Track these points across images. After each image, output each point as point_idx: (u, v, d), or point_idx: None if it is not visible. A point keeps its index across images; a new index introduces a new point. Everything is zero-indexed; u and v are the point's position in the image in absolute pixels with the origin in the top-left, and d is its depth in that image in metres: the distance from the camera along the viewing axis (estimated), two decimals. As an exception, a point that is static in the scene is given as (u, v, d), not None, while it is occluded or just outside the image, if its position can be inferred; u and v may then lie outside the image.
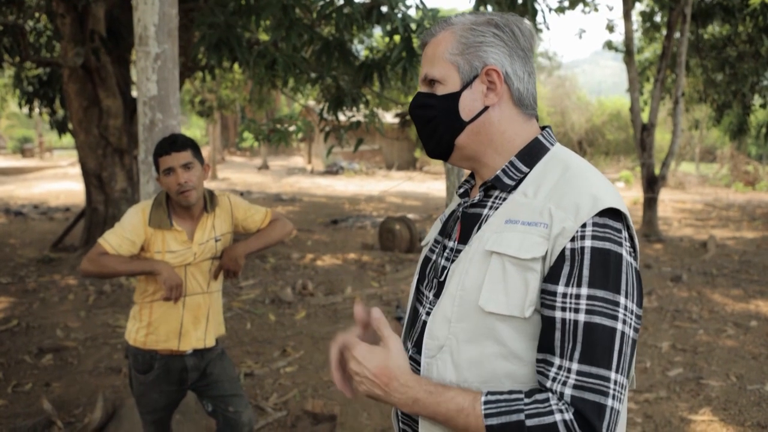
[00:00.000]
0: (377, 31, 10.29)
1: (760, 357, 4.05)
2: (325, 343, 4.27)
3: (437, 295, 0.98)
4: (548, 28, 6.41)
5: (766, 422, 3.11)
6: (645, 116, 9.55)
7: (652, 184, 9.22)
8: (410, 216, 10.49)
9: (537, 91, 1.03)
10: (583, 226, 0.85)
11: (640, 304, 0.88)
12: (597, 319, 0.83)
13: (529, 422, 0.81)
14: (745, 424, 3.09)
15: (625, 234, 0.88)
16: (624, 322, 0.84)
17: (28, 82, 8.78)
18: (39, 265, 6.77)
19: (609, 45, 11.07)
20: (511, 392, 0.86)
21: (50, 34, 7.94)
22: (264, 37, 6.59)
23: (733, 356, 4.07)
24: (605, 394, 0.81)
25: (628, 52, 9.25)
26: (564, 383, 0.82)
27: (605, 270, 0.84)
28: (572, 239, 0.85)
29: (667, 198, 15.32)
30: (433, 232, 1.11)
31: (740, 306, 5.32)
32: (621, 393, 0.83)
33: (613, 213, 0.87)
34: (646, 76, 11.77)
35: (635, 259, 0.90)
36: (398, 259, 7.17)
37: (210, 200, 2.11)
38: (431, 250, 1.08)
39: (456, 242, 1.00)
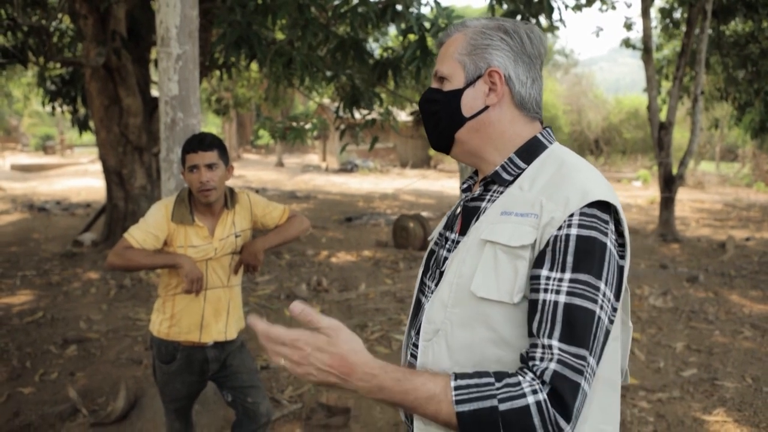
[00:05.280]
0: (392, 29, 10.31)
1: (776, 358, 4.03)
2: (339, 338, 4.34)
3: (438, 284, 1.03)
4: (564, 26, 6.41)
5: (780, 423, 3.10)
6: (663, 115, 9.45)
7: (669, 184, 9.13)
8: (424, 214, 10.52)
9: (542, 95, 1.06)
10: (571, 215, 0.89)
11: (617, 297, 0.91)
12: (577, 301, 0.86)
13: (502, 407, 0.81)
14: (760, 426, 3.09)
15: (611, 227, 0.91)
16: (602, 307, 0.87)
17: (51, 81, 8.97)
18: (62, 260, 6.93)
19: (627, 43, 10.96)
20: (480, 376, 0.86)
21: (72, 35, 8.11)
22: (280, 35, 6.67)
23: (749, 358, 4.05)
24: (581, 374, 0.84)
25: (646, 50, 9.16)
26: (551, 360, 0.84)
27: (589, 256, 0.87)
28: (560, 228, 0.89)
29: (685, 198, 15.14)
30: (439, 227, 1.17)
31: (759, 307, 5.27)
32: (591, 376, 0.86)
33: (602, 205, 0.91)
34: (664, 74, 11.63)
35: (623, 255, 0.93)
36: (412, 257, 7.21)
37: (230, 197, 2.18)
38: (436, 243, 1.13)
39: (457, 234, 1.05)
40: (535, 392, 0.82)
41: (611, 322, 0.90)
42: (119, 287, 5.74)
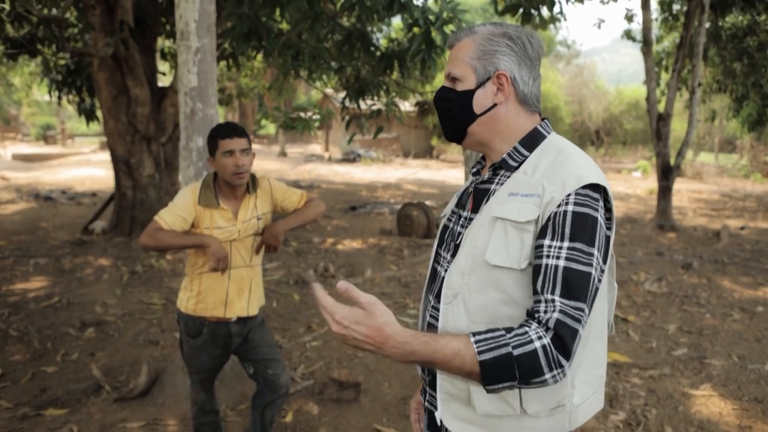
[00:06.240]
0: (395, 20, 10.40)
1: (763, 339, 4.22)
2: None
3: (453, 255, 1.20)
4: (565, 19, 6.53)
5: (762, 397, 3.29)
6: (662, 106, 9.59)
7: (666, 174, 9.29)
8: (428, 203, 10.68)
9: (541, 90, 1.23)
10: (568, 195, 1.07)
11: (605, 261, 1.10)
12: (574, 265, 1.04)
13: (515, 352, 0.98)
14: (743, 399, 3.28)
15: (601, 203, 1.09)
16: (595, 269, 1.06)
17: (57, 71, 9.08)
18: (72, 247, 7.10)
19: (627, 35, 11.07)
20: (493, 330, 1.02)
21: (78, 25, 8.22)
22: (285, 26, 6.79)
23: (737, 339, 4.23)
24: (579, 322, 1.02)
25: (646, 42, 9.28)
26: (553, 311, 1.02)
27: (583, 228, 1.05)
28: (559, 205, 1.07)
29: (683, 188, 15.31)
30: (450, 205, 1.34)
31: (748, 292, 5.46)
32: (585, 323, 1.04)
33: (593, 187, 1.09)
34: (664, 66, 11.74)
35: (609, 227, 1.12)
36: (416, 244, 7.39)
37: (252, 182, 2.35)
38: (449, 220, 1.30)
39: (469, 212, 1.23)
40: (540, 338, 1.00)
41: (600, 280, 1.08)
42: (131, 273, 5.91)
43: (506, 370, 0.99)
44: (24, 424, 2.97)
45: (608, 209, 1.12)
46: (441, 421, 1.19)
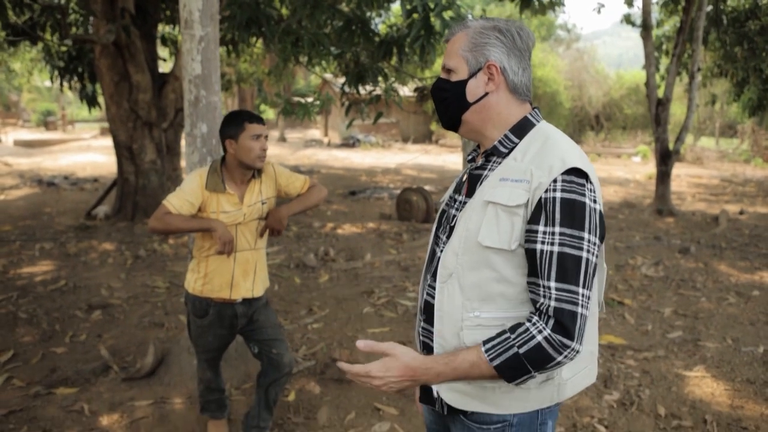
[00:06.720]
0: (394, 6, 10.36)
1: (757, 323, 4.31)
2: (348, 303, 4.62)
3: (449, 237, 1.28)
4: (563, 4, 6.53)
5: (754, 379, 3.38)
6: (661, 91, 9.59)
7: (665, 159, 9.33)
8: (427, 188, 10.74)
9: (531, 81, 1.30)
10: (555, 181, 1.14)
11: (601, 239, 1.18)
12: (567, 250, 1.12)
13: (521, 350, 1.10)
14: (735, 380, 3.37)
15: (588, 186, 1.16)
16: (588, 251, 1.13)
17: (59, 57, 9.08)
18: (77, 232, 7.19)
19: (627, 19, 11.01)
20: (500, 335, 1.13)
21: (81, 12, 8.21)
22: (285, 12, 6.80)
23: (731, 322, 4.32)
24: (576, 304, 1.11)
25: (646, 27, 9.25)
26: (549, 298, 1.11)
27: (572, 214, 1.13)
28: (546, 191, 1.14)
29: (683, 173, 15.34)
30: (449, 191, 1.41)
31: (745, 277, 5.54)
32: (587, 302, 1.13)
33: (578, 172, 1.15)
34: (664, 50, 11.70)
35: (598, 204, 1.18)
36: (415, 229, 7.46)
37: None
38: (447, 204, 1.38)
39: (464, 196, 1.30)
40: (540, 331, 1.10)
41: (597, 256, 1.16)
42: (135, 257, 6.00)
43: (519, 367, 1.11)
44: (37, 401, 3.07)
45: (593, 188, 1.18)
46: (437, 393, 1.27)
